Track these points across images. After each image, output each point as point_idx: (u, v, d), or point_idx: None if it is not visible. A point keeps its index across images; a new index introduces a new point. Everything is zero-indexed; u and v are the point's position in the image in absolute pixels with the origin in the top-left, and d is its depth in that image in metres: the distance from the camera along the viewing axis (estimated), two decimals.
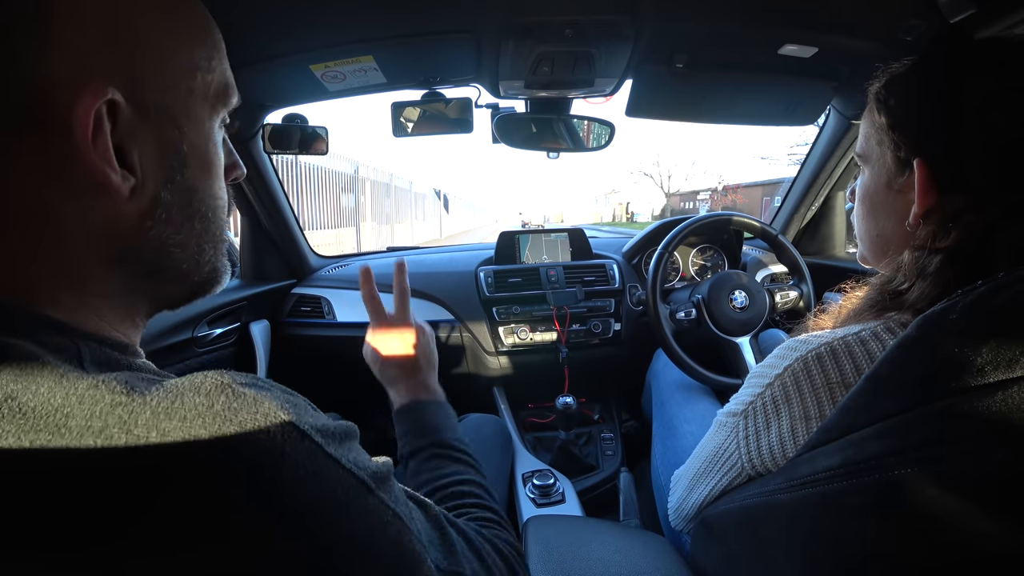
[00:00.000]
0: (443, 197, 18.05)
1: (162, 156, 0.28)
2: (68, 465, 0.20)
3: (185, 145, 0.29)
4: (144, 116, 0.27)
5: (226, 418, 0.22)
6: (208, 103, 0.31)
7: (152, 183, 0.28)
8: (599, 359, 1.35)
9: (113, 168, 0.26)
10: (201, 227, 0.31)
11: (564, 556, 0.55)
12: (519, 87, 1.03)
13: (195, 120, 0.30)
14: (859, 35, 0.87)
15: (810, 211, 1.45)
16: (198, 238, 0.31)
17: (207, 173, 0.31)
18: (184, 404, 0.22)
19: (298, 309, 1.37)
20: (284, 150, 1.15)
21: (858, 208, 0.49)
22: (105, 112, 0.25)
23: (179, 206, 0.30)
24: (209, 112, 0.31)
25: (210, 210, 0.32)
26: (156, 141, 0.28)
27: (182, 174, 0.29)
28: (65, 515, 0.19)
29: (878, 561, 0.31)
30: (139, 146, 0.27)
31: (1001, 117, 0.36)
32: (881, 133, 0.44)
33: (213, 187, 0.32)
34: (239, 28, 0.79)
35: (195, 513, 0.21)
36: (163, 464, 0.21)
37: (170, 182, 0.29)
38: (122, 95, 0.26)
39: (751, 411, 0.46)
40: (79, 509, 0.20)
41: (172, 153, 0.29)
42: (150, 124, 0.27)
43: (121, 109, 0.26)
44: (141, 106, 0.27)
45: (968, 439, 0.26)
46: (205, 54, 0.30)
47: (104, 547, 0.20)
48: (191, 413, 0.22)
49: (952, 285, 0.36)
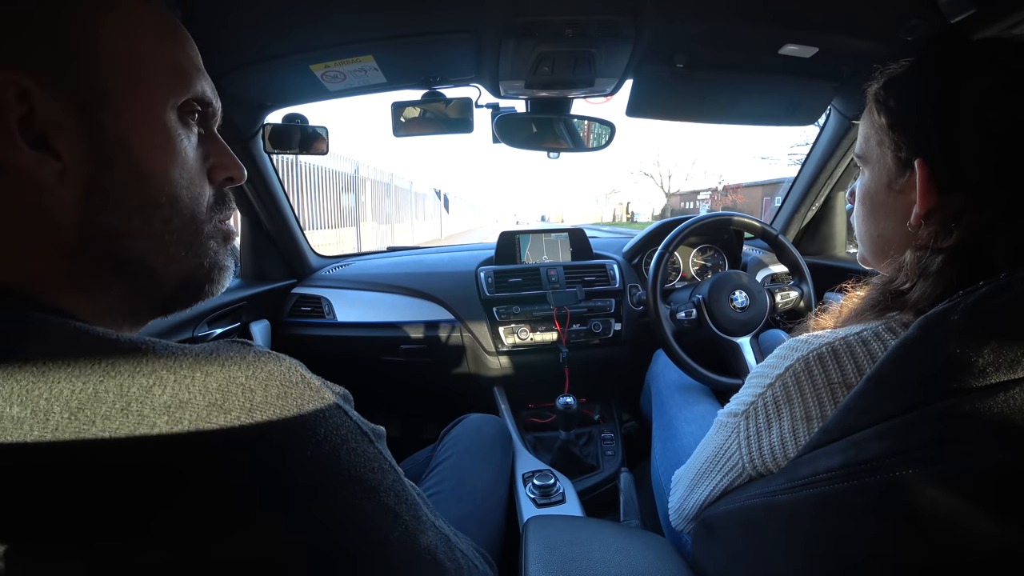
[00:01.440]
0: (443, 197, 18.05)
1: (93, 140, 0.28)
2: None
3: (123, 130, 0.29)
4: (68, 101, 0.28)
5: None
6: (155, 89, 0.31)
7: (85, 168, 0.28)
8: (599, 359, 1.35)
9: (21, 151, 0.26)
10: (159, 219, 0.31)
11: (564, 556, 0.55)
12: (519, 87, 1.03)
13: (137, 105, 0.30)
14: (860, 35, 0.87)
15: (810, 211, 1.45)
16: (157, 231, 0.31)
17: (159, 161, 0.31)
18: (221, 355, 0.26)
19: (298, 309, 1.37)
20: (284, 150, 1.15)
21: (858, 209, 0.49)
22: (13, 98, 0.26)
23: (123, 193, 0.30)
24: (160, 99, 0.31)
25: (170, 200, 0.31)
26: (85, 125, 0.28)
27: (124, 159, 0.29)
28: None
29: (879, 561, 0.31)
30: (64, 131, 0.28)
31: (999, 116, 0.36)
32: (881, 134, 0.44)
33: (172, 176, 0.31)
34: (239, 28, 0.79)
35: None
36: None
37: (107, 167, 0.29)
38: (36, 82, 0.26)
39: (752, 411, 0.46)
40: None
41: (106, 137, 0.29)
42: (76, 109, 0.28)
43: (34, 95, 0.26)
44: (64, 91, 0.27)
45: (969, 440, 0.26)
46: (146, 42, 0.30)
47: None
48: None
49: (954, 285, 0.36)
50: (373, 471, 0.29)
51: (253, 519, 0.24)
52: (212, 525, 0.23)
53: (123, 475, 0.22)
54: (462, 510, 0.69)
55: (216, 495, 0.23)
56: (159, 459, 0.23)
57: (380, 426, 0.33)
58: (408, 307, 1.34)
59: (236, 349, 0.27)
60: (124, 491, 0.22)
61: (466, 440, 0.83)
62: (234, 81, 0.94)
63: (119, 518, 0.22)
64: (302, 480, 0.25)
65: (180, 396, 0.24)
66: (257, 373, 0.26)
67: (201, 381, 0.24)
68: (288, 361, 0.28)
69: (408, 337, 1.31)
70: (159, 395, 0.23)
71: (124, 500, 0.22)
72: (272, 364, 0.27)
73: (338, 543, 0.27)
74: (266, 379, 0.26)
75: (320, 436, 0.26)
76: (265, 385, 0.26)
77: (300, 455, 0.26)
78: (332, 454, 0.27)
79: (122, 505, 0.22)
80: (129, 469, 0.22)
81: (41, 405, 0.22)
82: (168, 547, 0.22)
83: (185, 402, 0.24)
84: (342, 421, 0.28)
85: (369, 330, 1.33)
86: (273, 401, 0.25)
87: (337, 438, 0.27)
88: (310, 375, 0.28)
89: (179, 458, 0.23)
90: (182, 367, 0.25)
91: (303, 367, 0.29)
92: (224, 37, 0.80)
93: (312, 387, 0.28)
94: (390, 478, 0.31)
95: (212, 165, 0.35)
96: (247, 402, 0.25)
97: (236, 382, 0.25)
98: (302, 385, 0.27)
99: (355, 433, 0.29)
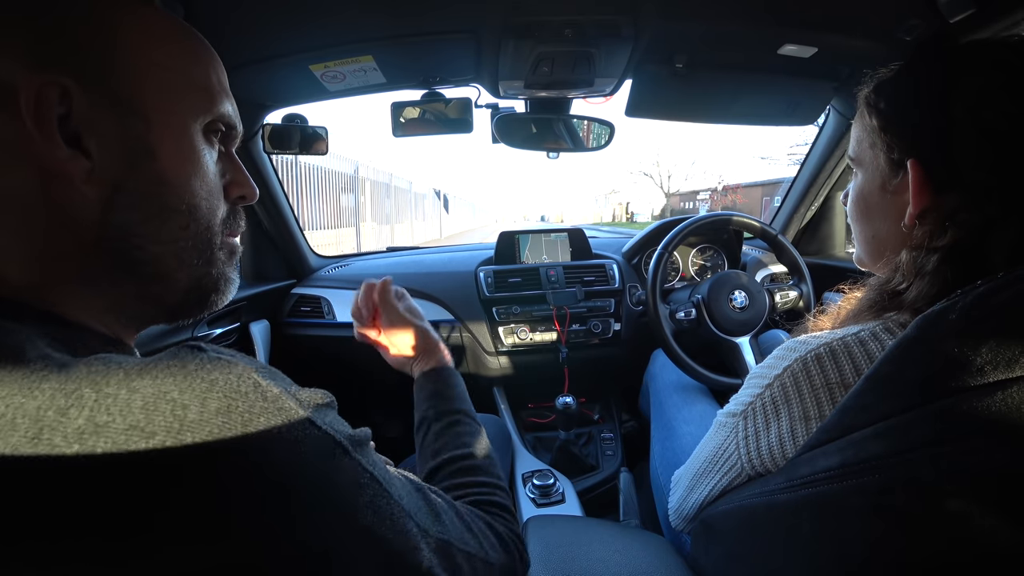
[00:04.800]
0: (443, 197, 18.05)
1: (123, 143, 0.30)
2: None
3: (152, 138, 0.30)
4: (105, 106, 0.29)
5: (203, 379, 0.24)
6: (186, 105, 0.32)
7: (112, 168, 0.29)
8: (599, 359, 1.35)
9: (57, 146, 0.27)
10: (177, 225, 0.32)
11: (564, 556, 0.55)
12: (519, 87, 1.03)
13: (167, 117, 0.31)
14: (859, 35, 0.87)
15: (810, 211, 1.45)
16: (174, 236, 0.32)
17: (183, 170, 0.32)
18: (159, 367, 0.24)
19: (298, 309, 1.37)
20: (284, 150, 1.15)
21: (852, 211, 0.49)
22: (56, 97, 0.27)
23: (145, 196, 0.31)
24: (188, 113, 0.32)
25: (189, 208, 0.32)
26: (118, 129, 0.29)
27: (149, 165, 0.30)
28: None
29: (878, 561, 0.31)
30: (97, 132, 0.29)
31: (994, 115, 0.36)
32: (873, 136, 0.44)
33: (193, 186, 0.33)
34: (239, 28, 0.79)
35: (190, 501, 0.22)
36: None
37: (134, 170, 0.30)
38: (77, 83, 0.28)
39: (751, 412, 0.46)
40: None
41: (136, 143, 0.30)
42: (111, 113, 0.29)
43: (75, 96, 0.28)
44: (103, 96, 0.29)
45: (968, 439, 0.26)
46: (181, 60, 0.32)
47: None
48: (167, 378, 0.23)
49: (950, 283, 0.37)
50: (346, 489, 0.26)
51: (189, 572, 0.21)
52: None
53: (29, 517, 0.20)
54: None
55: (133, 538, 0.20)
56: (66, 501, 0.20)
57: (364, 428, 0.30)
58: None
59: (180, 356, 0.24)
60: (32, 534, 0.19)
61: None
62: (234, 81, 0.93)
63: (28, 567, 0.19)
64: (249, 514, 0.22)
65: (97, 419, 0.21)
66: (195, 385, 0.22)
67: (124, 399, 0.21)
68: (242, 366, 0.24)
69: None
70: (75, 418, 0.20)
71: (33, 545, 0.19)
72: (218, 372, 0.23)
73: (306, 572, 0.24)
74: (205, 392, 0.22)
75: (273, 458, 0.23)
76: (203, 400, 0.22)
77: (244, 483, 0.22)
78: (290, 479, 0.23)
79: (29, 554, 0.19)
80: (35, 509, 0.20)
81: None
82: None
83: (101, 426, 0.20)
84: (306, 435, 0.25)
85: None
86: (210, 419, 0.22)
87: (296, 458, 0.24)
88: (269, 381, 0.25)
89: (89, 496, 0.20)
90: (109, 384, 0.22)
91: (263, 372, 0.25)
92: (224, 37, 0.80)
93: (267, 397, 0.24)
94: (368, 494, 0.27)
95: (228, 182, 0.37)
96: (176, 422, 0.21)
97: (167, 398, 0.22)
98: (253, 395, 0.24)
99: (325, 447, 0.26)
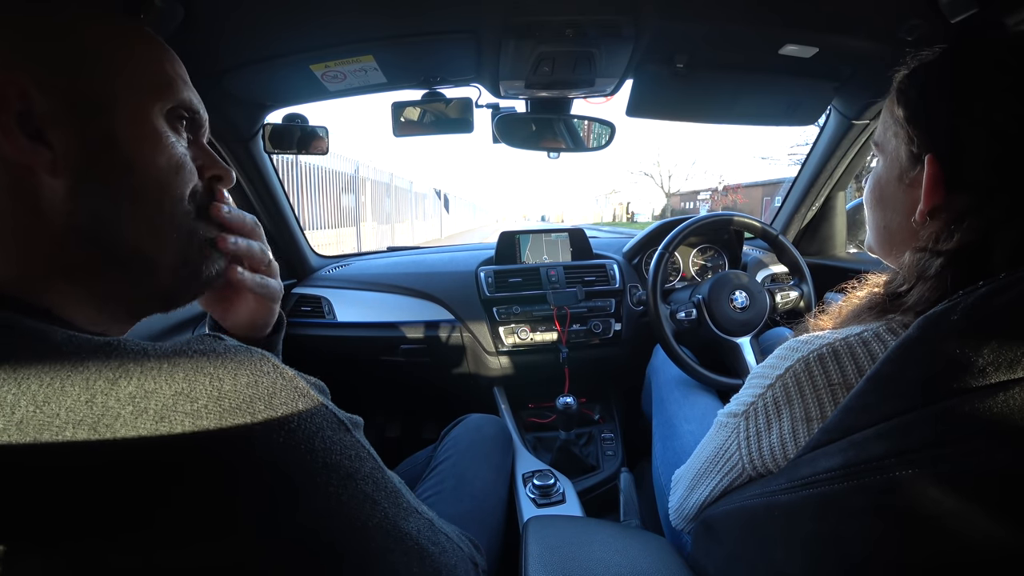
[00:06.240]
0: (443, 197, 18.04)
1: (85, 134, 0.31)
2: None
3: (114, 125, 0.32)
4: (65, 99, 0.30)
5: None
6: (145, 92, 0.34)
7: (75, 157, 0.31)
8: (599, 359, 1.35)
9: (18, 140, 0.29)
10: (150, 206, 0.33)
11: (564, 556, 0.55)
12: (519, 87, 1.03)
13: (127, 105, 0.33)
14: (860, 35, 0.87)
15: (810, 211, 1.45)
16: (147, 215, 0.33)
17: (148, 154, 0.33)
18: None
19: (298, 309, 1.36)
20: (284, 150, 1.15)
21: (868, 197, 0.48)
22: (15, 94, 0.29)
23: (112, 182, 0.32)
24: (148, 100, 0.34)
25: (158, 187, 0.34)
26: (77, 121, 0.31)
27: (112, 152, 0.32)
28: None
29: (879, 562, 0.31)
30: (58, 125, 0.30)
31: (1005, 118, 0.36)
32: (897, 125, 0.43)
33: (160, 164, 0.34)
34: (239, 28, 0.79)
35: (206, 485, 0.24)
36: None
37: (98, 156, 0.31)
38: (36, 81, 0.29)
39: (752, 412, 0.46)
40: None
41: (97, 133, 0.31)
42: (70, 105, 0.31)
43: (33, 92, 0.29)
44: (61, 91, 0.30)
45: (969, 440, 0.26)
46: (137, 52, 0.34)
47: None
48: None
49: (950, 290, 0.36)
50: (350, 459, 0.29)
51: (231, 514, 0.24)
52: (184, 522, 0.23)
53: (88, 474, 0.22)
54: (462, 510, 0.69)
55: (188, 487, 0.23)
56: (125, 457, 0.22)
57: (357, 416, 0.33)
58: (408, 307, 1.34)
59: (207, 342, 0.27)
60: (91, 489, 0.22)
61: (466, 440, 0.83)
62: (234, 81, 0.94)
63: (86, 516, 0.22)
64: (275, 468, 0.25)
65: (145, 386, 0.24)
66: (225, 363, 0.26)
67: (168, 371, 0.24)
68: (259, 353, 0.28)
69: (408, 337, 1.31)
70: (124, 386, 0.23)
71: (91, 497, 0.22)
72: (242, 355, 0.27)
73: (316, 533, 0.27)
74: (235, 369, 0.26)
75: (293, 424, 0.27)
76: (234, 375, 0.26)
77: (271, 443, 0.26)
78: (306, 442, 0.27)
79: (88, 503, 0.22)
80: (93, 467, 0.22)
81: (8, 400, 0.22)
82: (140, 551, 0.22)
83: (150, 392, 0.24)
84: (316, 410, 0.28)
85: (369, 330, 1.32)
86: (242, 390, 0.25)
87: (311, 426, 0.27)
88: (283, 366, 0.29)
89: (145, 450, 0.23)
90: (149, 360, 0.25)
91: (275, 358, 0.29)
92: (224, 37, 0.80)
93: (284, 376, 0.28)
94: (368, 466, 0.31)
95: (200, 165, 0.38)
96: (215, 391, 0.25)
97: (204, 371, 0.25)
98: (274, 375, 0.27)
99: (331, 421, 0.29)
